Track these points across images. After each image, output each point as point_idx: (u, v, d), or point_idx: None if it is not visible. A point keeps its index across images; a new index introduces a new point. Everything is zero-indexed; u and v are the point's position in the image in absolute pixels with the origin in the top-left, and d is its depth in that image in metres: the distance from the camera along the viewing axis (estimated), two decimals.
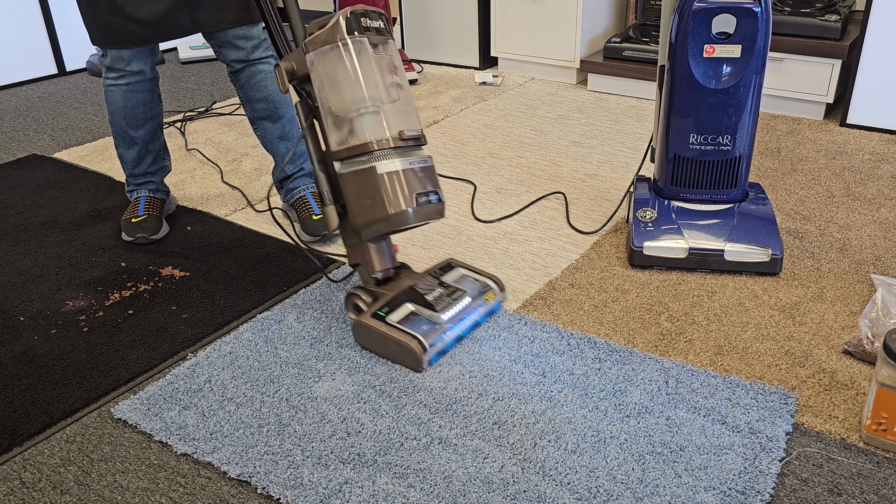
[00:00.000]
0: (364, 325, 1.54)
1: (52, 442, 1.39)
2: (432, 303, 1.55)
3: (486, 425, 1.37)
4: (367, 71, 1.49)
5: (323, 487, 1.25)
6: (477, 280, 1.68)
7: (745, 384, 1.45)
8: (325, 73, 1.51)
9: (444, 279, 1.65)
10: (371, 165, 1.48)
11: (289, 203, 2.15)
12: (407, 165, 1.49)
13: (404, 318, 1.53)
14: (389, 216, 1.48)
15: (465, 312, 1.59)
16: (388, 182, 1.47)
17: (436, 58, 3.68)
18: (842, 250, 1.93)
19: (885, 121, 2.65)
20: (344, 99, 1.49)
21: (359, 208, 1.51)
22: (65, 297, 1.83)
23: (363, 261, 1.61)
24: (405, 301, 1.56)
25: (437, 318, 1.54)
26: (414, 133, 1.52)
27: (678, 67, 1.77)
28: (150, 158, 2.12)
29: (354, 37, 1.49)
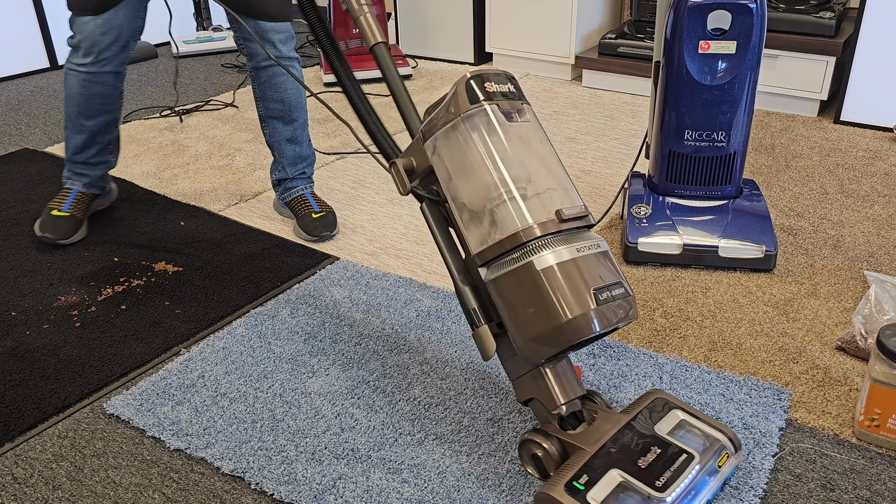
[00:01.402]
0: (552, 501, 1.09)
1: (45, 437, 1.38)
2: (649, 473, 1.11)
3: (480, 421, 1.37)
4: (501, 145, 1.18)
5: (317, 483, 1.24)
6: (703, 433, 1.21)
7: (739, 380, 1.45)
8: (451, 159, 1.20)
9: (658, 429, 1.20)
10: (528, 261, 1.12)
11: (284, 202, 2.12)
12: (575, 254, 1.13)
13: (611, 496, 1.08)
14: (564, 324, 1.09)
15: (694, 487, 1.12)
16: (554, 278, 1.10)
17: (430, 53, 3.68)
18: (835, 247, 1.93)
19: (878, 118, 2.66)
20: (478, 186, 1.17)
21: (520, 321, 1.13)
22: (57, 292, 1.82)
23: (539, 393, 1.20)
24: (610, 466, 1.12)
25: (658, 501, 1.08)
26: (576, 211, 1.17)
27: (673, 63, 1.77)
28: (95, 150, 2.05)
29: (480, 105, 1.19)
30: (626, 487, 1.09)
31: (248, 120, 2.92)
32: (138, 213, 2.21)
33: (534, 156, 1.20)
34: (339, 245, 2.01)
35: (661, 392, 1.28)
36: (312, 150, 2.13)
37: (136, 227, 2.13)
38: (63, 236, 2.01)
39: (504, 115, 1.20)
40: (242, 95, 3.21)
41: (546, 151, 1.22)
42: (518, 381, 1.23)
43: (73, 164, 2.08)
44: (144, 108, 3.09)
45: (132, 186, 2.39)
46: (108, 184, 2.17)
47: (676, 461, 1.14)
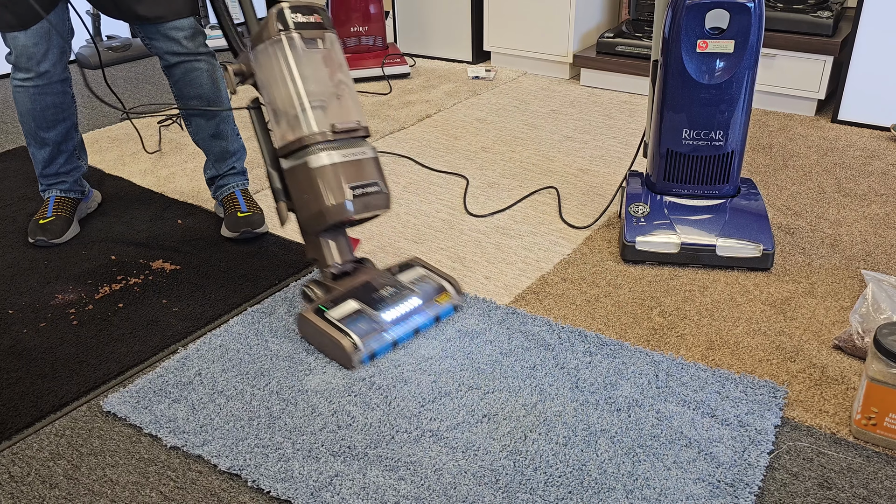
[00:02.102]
0: (304, 319, 1.54)
1: (42, 436, 1.38)
2: (378, 301, 1.54)
3: (476, 418, 1.37)
4: (299, 67, 1.52)
5: (313, 480, 1.24)
6: (434, 281, 1.64)
7: (735, 377, 1.45)
8: (262, 71, 1.55)
9: (401, 277, 1.63)
10: (304, 160, 1.50)
11: (218, 200, 2.10)
12: (341, 158, 1.51)
13: (346, 316, 1.51)
14: (324, 209, 1.50)
15: (411, 315, 1.57)
16: (319, 175, 1.49)
17: (428, 52, 3.67)
18: (833, 246, 1.93)
19: (876, 117, 2.66)
20: (281, 96, 1.53)
21: (300, 203, 1.54)
22: (54, 291, 1.82)
23: (317, 255, 1.61)
24: (351, 298, 1.55)
25: (378, 318, 1.52)
26: (348, 125, 1.54)
27: (671, 62, 1.77)
28: (63, 158, 2.05)
29: (285, 32, 1.52)
30: (359, 312, 1.52)
31: (246, 117, 2.92)
32: (135, 212, 2.21)
33: (325, 77, 1.54)
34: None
35: (420, 259, 1.71)
36: (241, 144, 2.10)
37: (133, 226, 2.12)
38: (55, 235, 2.00)
39: (304, 42, 1.53)
40: (240, 93, 3.20)
41: (339, 75, 1.55)
42: (307, 245, 1.63)
43: (45, 178, 2.07)
44: (142, 105, 3.09)
45: (129, 185, 2.38)
46: (85, 187, 2.15)
47: (401, 296, 1.57)
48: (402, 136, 2.74)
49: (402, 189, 2.31)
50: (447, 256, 1.93)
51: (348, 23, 3.37)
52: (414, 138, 2.71)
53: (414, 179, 2.38)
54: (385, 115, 2.92)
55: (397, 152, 2.58)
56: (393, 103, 3.06)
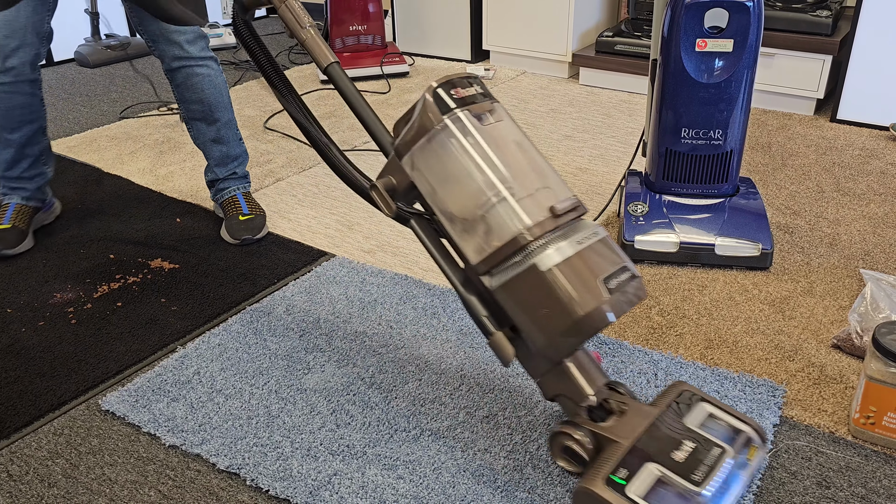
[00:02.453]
0: (598, 499, 1.06)
1: (40, 434, 1.38)
2: (686, 467, 1.09)
3: (476, 418, 1.37)
4: (480, 149, 1.15)
5: (312, 479, 1.24)
6: (731, 426, 1.19)
7: (734, 376, 1.45)
8: (432, 172, 1.18)
9: (688, 421, 1.18)
10: (531, 263, 1.10)
11: (218, 203, 2.09)
12: (577, 247, 1.12)
13: (651, 491, 1.06)
14: (579, 320, 1.07)
15: (727, 480, 1.11)
16: (561, 276, 1.09)
17: (427, 51, 3.67)
18: (831, 245, 1.94)
19: (875, 116, 2.66)
20: (465, 194, 1.15)
21: (535, 323, 1.12)
22: (52, 289, 1.82)
23: (565, 389, 1.18)
24: (647, 460, 1.10)
25: (697, 496, 1.06)
26: (569, 204, 1.15)
27: (670, 61, 1.77)
28: (27, 163, 1.99)
29: (452, 114, 1.16)
30: (664, 482, 1.07)
31: (243, 117, 2.92)
32: (134, 211, 2.20)
33: (514, 154, 1.18)
34: (335, 242, 2.01)
35: (686, 384, 1.26)
36: (242, 149, 2.08)
37: (131, 225, 2.12)
38: (9, 246, 1.96)
39: (477, 119, 1.17)
40: (238, 93, 3.20)
41: (526, 148, 1.21)
42: (543, 380, 1.20)
43: (7, 181, 2.02)
44: (140, 103, 3.09)
45: (128, 183, 2.38)
46: (48, 196, 2.11)
47: (710, 454, 1.12)
48: None
49: None
50: None
51: (347, 21, 3.36)
52: None
53: None
54: (384, 114, 2.92)
55: None
56: (392, 102, 3.06)
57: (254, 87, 3.30)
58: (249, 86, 3.31)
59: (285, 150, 2.61)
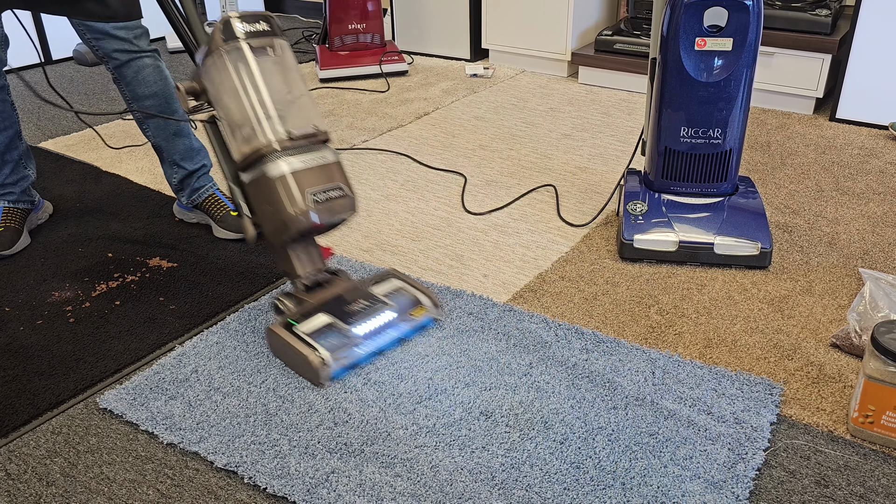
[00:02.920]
0: (273, 333, 1.50)
1: (38, 433, 1.38)
2: (349, 315, 1.49)
3: (473, 415, 1.37)
4: (249, 77, 1.46)
5: (310, 477, 1.24)
6: (409, 294, 1.60)
7: (731, 375, 1.45)
8: (212, 85, 1.50)
9: (375, 290, 1.58)
10: (262, 170, 1.45)
11: (195, 204, 2.04)
12: (300, 165, 1.45)
13: (316, 330, 1.47)
14: (286, 219, 1.43)
15: (385, 328, 1.52)
16: (279, 184, 1.43)
17: (426, 49, 3.67)
18: (830, 244, 1.93)
19: (874, 116, 2.66)
20: (234, 108, 1.48)
21: (262, 215, 1.48)
22: (51, 288, 1.82)
23: (287, 266, 1.55)
24: (322, 311, 1.50)
25: (350, 333, 1.47)
26: (305, 131, 1.48)
27: (669, 60, 1.77)
28: (9, 169, 1.99)
29: (231, 43, 1.46)
30: (330, 326, 1.48)
31: None
32: (132, 209, 2.20)
33: (278, 85, 1.49)
34: (333, 241, 2.00)
35: (395, 270, 1.67)
36: (200, 143, 2.04)
37: (130, 223, 2.12)
38: (5, 247, 1.95)
39: (254, 51, 1.48)
40: None
41: (291, 82, 1.51)
42: (276, 259, 1.58)
43: None
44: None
45: (126, 182, 2.38)
46: (35, 196, 2.10)
47: (374, 309, 1.52)
48: (400, 133, 2.74)
49: (400, 187, 2.31)
50: (445, 254, 1.93)
51: (346, 20, 3.36)
52: (412, 136, 2.70)
53: (412, 177, 2.38)
54: (383, 113, 2.92)
55: (395, 150, 2.58)
56: (391, 101, 3.06)
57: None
58: None
59: None
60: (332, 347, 1.44)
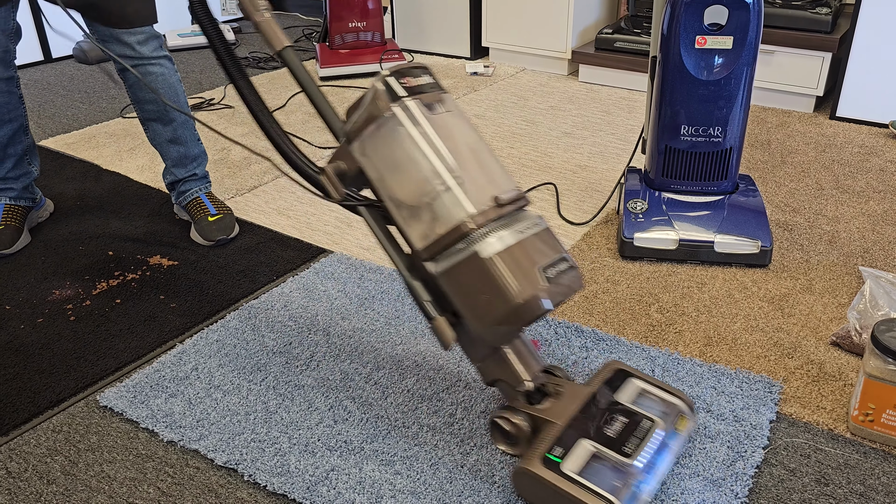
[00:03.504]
0: (535, 478, 1.14)
1: (39, 431, 1.38)
2: (618, 441, 1.17)
3: (473, 413, 1.37)
4: (428, 138, 1.18)
5: (310, 475, 1.24)
6: (661, 399, 1.28)
7: (730, 373, 1.45)
8: (380, 158, 1.21)
9: (620, 398, 1.26)
10: (473, 250, 1.13)
11: (181, 205, 2.05)
12: (518, 236, 1.16)
13: (586, 467, 1.14)
14: (518, 307, 1.11)
15: (661, 451, 1.19)
16: (501, 264, 1.12)
17: (426, 47, 3.67)
18: (830, 242, 1.93)
19: (874, 114, 2.66)
20: (412, 181, 1.18)
21: (474, 309, 1.15)
22: (51, 286, 1.82)
23: (503, 374, 1.23)
24: (580, 437, 1.17)
25: (629, 467, 1.14)
26: (512, 195, 1.19)
27: (670, 58, 1.77)
28: (11, 163, 1.97)
29: (401, 102, 1.19)
30: (597, 456, 1.15)
31: (243, 113, 2.91)
32: (133, 208, 2.20)
33: (461, 144, 1.21)
34: (334, 239, 2.01)
35: (620, 363, 1.34)
36: (201, 149, 2.04)
37: (130, 221, 2.12)
38: (4, 246, 1.94)
39: (426, 108, 1.20)
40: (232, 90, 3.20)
41: (473, 138, 1.24)
42: (482, 365, 1.25)
43: None
44: None
45: (127, 180, 2.38)
46: (37, 194, 2.09)
47: (640, 427, 1.20)
48: None
49: None
50: None
51: (347, 18, 3.36)
52: None
53: None
54: None
55: None
56: None
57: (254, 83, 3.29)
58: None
59: None
60: (614, 490, 1.11)
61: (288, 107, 2.98)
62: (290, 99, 3.05)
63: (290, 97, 3.04)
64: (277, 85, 3.22)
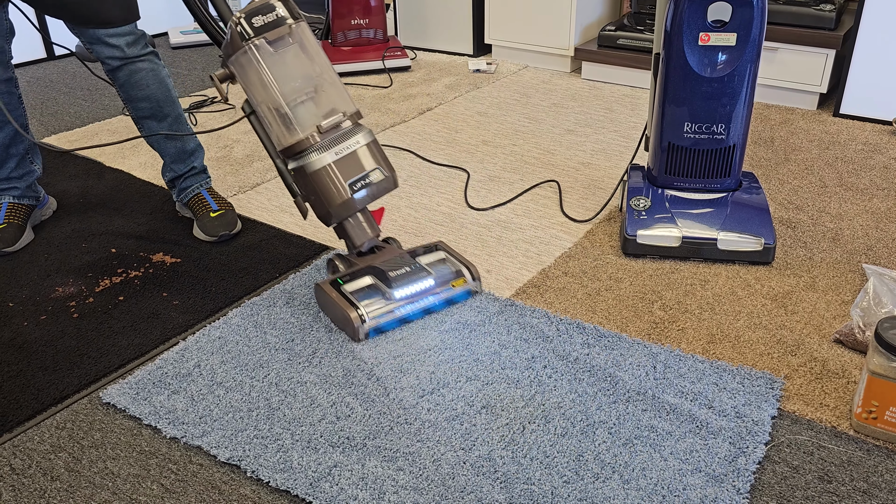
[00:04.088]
0: (320, 289, 1.63)
1: (43, 428, 1.38)
2: (392, 279, 1.58)
3: (475, 409, 1.37)
4: (272, 72, 1.53)
5: (312, 471, 1.25)
6: (452, 265, 1.70)
7: (732, 369, 1.45)
8: (243, 80, 1.57)
9: (421, 259, 1.69)
10: (302, 164, 1.56)
11: (183, 202, 2.06)
12: (334, 157, 1.55)
13: (359, 290, 1.60)
14: (331, 210, 1.57)
15: (423, 294, 1.62)
16: (318, 178, 1.55)
17: (429, 45, 3.67)
18: (834, 240, 1.93)
19: (878, 111, 2.65)
20: (265, 101, 1.56)
21: (311, 202, 1.61)
22: (54, 283, 1.82)
23: (345, 236, 1.67)
24: (368, 273, 1.63)
25: (390, 295, 1.58)
26: (333, 121, 1.55)
27: (673, 55, 1.76)
28: (13, 163, 1.98)
29: (249, 42, 1.52)
30: (372, 287, 1.61)
31: None
32: (136, 205, 2.21)
33: (300, 74, 1.55)
34: (336, 236, 2.00)
35: (443, 242, 1.78)
36: (197, 142, 2.05)
37: (133, 219, 2.12)
38: (8, 244, 1.94)
39: (271, 45, 1.52)
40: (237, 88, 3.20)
41: (312, 69, 1.56)
42: (336, 228, 1.67)
43: None
44: None
45: (129, 178, 2.38)
46: (40, 192, 2.09)
47: (416, 275, 1.61)
48: (403, 129, 2.73)
49: (403, 182, 2.31)
50: None
51: (349, 15, 3.36)
52: (415, 131, 2.70)
53: (415, 173, 2.38)
54: (386, 109, 2.92)
55: (398, 145, 2.58)
56: (394, 96, 3.06)
57: None
58: None
59: None
60: (371, 306, 1.56)
61: None
62: None
63: None
64: None
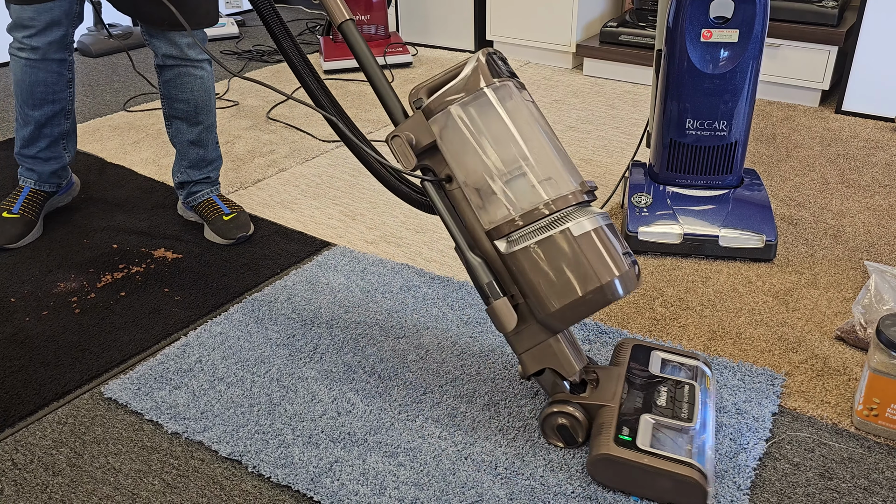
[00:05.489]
0: (616, 460, 1.14)
1: (44, 423, 1.38)
2: (671, 409, 1.21)
3: (476, 405, 1.37)
4: (523, 119, 1.20)
5: (313, 466, 1.25)
6: (684, 364, 1.34)
7: (733, 366, 1.45)
8: (468, 132, 1.20)
9: (651, 370, 1.31)
10: (563, 228, 1.15)
11: (190, 206, 2.03)
12: (600, 222, 1.18)
13: (654, 439, 1.17)
14: (601, 287, 1.13)
15: (704, 408, 1.25)
16: (592, 243, 1.14)
17: (430, 41, 3.66)
18: (836, 237, 1.93)
19: (880, 108, 2.65)
20: (497, 158, 1.19)
21: (550, 290, 1.15)
22: (56, 279, 1.82)
23: (554, 363, 1.23)
24: (639, 413, 1.21)
25: (690, 429, 1.18)
26: (592, 184, 1.23)
27: (675, 52, 1.76)
28: (44, 143, 1.95)
29: (502, 79, 1.21)
30: (659, 426, 1.18)
31: (247, 108, 2.91)
32: (137, 200, 2.21)
33: (544, 130, 1.24)
34: (338, 232, 2.01)
35: (633, 339, 1.40)
36: (218, 154, 2.03)
37: (135, 214, 2.12)
38: (9, 240, 1.93)
39: (518, 90, 1.23)
40: (240, 82, 3.20)
41: (549, 128, 1.27)
42: (528, 354, 1.24)
43: (22, 159, 1.99)
44: (143, 94, 3.09)
45: (131, 173, 2.38)
46: (64, 179, 2.07)
47: (682, 392, 1.25)
48: None
49: None
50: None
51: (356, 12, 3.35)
52: None
53: None
54: None
55: None
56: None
57: (257, 76, 3.29)
58: (252, 76, 3.30)
59: (288, 140, 2.61)
60: (687, 453, 1.15)
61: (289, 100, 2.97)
62: (294, 92, 3.05)
63: (294, 91, 3.03)
64: (281, 78, 3.22)
